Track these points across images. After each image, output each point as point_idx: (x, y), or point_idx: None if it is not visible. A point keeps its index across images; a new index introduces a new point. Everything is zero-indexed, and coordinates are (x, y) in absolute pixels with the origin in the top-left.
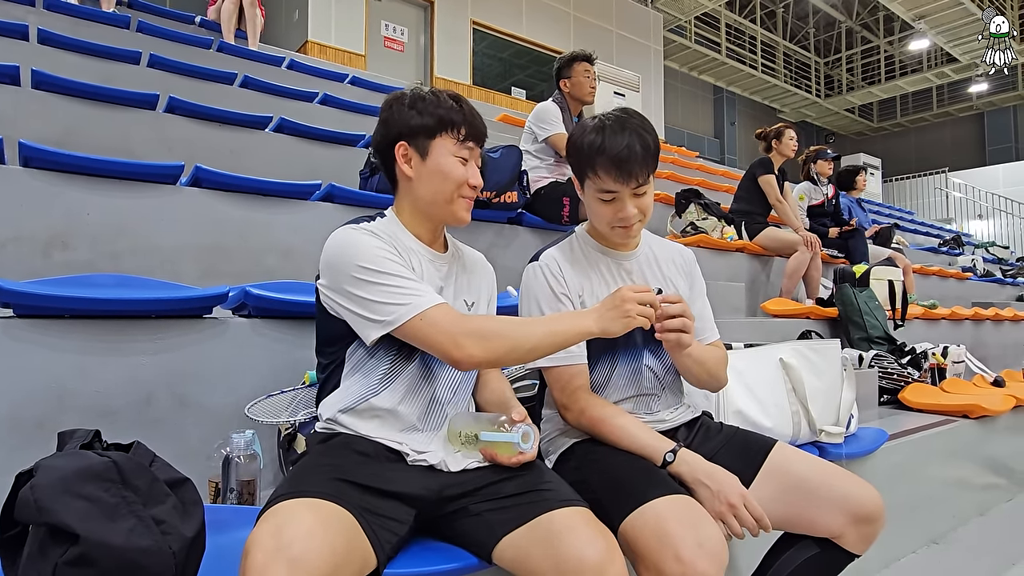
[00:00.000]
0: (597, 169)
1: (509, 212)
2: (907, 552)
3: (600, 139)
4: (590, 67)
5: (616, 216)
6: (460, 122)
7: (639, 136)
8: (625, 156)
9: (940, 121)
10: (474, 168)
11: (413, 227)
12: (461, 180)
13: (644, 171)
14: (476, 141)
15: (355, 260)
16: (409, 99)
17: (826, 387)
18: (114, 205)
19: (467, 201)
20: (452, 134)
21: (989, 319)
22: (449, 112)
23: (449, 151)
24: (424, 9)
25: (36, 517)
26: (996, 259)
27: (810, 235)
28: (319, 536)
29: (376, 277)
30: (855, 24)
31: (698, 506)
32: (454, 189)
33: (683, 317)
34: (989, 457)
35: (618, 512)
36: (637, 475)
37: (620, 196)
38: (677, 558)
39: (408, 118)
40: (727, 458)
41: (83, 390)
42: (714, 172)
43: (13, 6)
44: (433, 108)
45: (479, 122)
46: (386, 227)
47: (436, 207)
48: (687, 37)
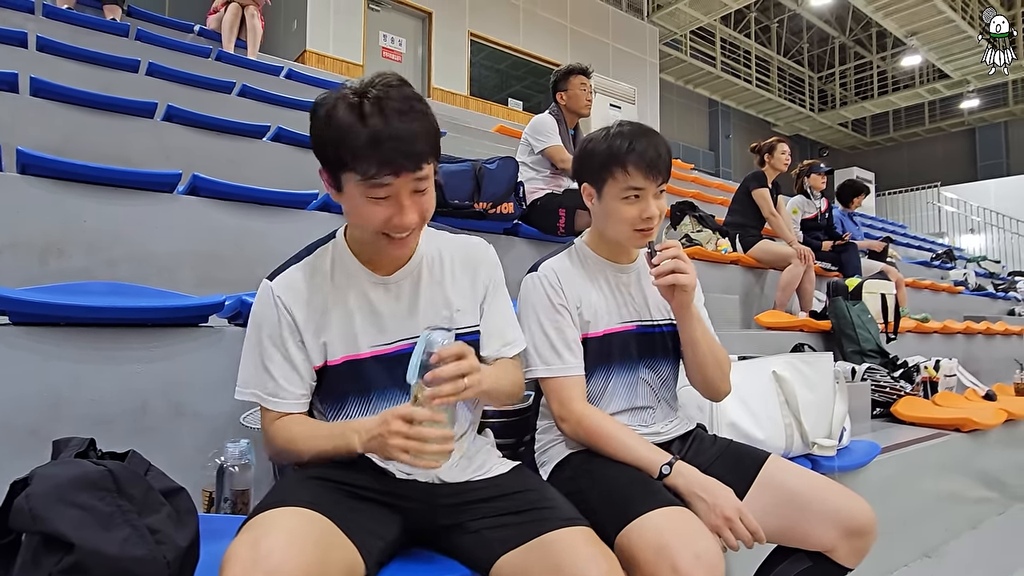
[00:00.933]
0: (627, 166)
1: (505, 223)
2: (899, 566)
3: (628, 140)
4: (586, 80)
5: (641, 216)
6: (364, 153)
7: (661, 139)
8: (654, 153)
9: (932, 136)
10: (399, 203)
11: (362, 252)
12: (378, 222)
13: (667, 171)
14: (392, 172)
15: (253, 314)
16: (322, 121)
17: (819, 400)
18: (111, 213)
19: (394, 241)
20: (357, 170)
21: (981, 333)
22: (352, 142)
23: (359, 192)
24: (422, 20)
25: (30, 525)
26: (988, 273)
27: (804, 248)
28: (297, 546)
29: (254, 348)
30: (848, 40)
31: (694, 518)
32: (374, 231)
33: (677, 259)
34: (981, 470)
35: (614, 524)
36: (633, 487)
37: (645, 194)
38: (674, 569)
39: (317, 144)
40: (720, 470)
41: (78, 398)
42: (709, 185)
43: (12, 13)
44: (334, 134)
45: (399, 141)
46: (319, 264)
47: (367, 240)
48: (683, 51)
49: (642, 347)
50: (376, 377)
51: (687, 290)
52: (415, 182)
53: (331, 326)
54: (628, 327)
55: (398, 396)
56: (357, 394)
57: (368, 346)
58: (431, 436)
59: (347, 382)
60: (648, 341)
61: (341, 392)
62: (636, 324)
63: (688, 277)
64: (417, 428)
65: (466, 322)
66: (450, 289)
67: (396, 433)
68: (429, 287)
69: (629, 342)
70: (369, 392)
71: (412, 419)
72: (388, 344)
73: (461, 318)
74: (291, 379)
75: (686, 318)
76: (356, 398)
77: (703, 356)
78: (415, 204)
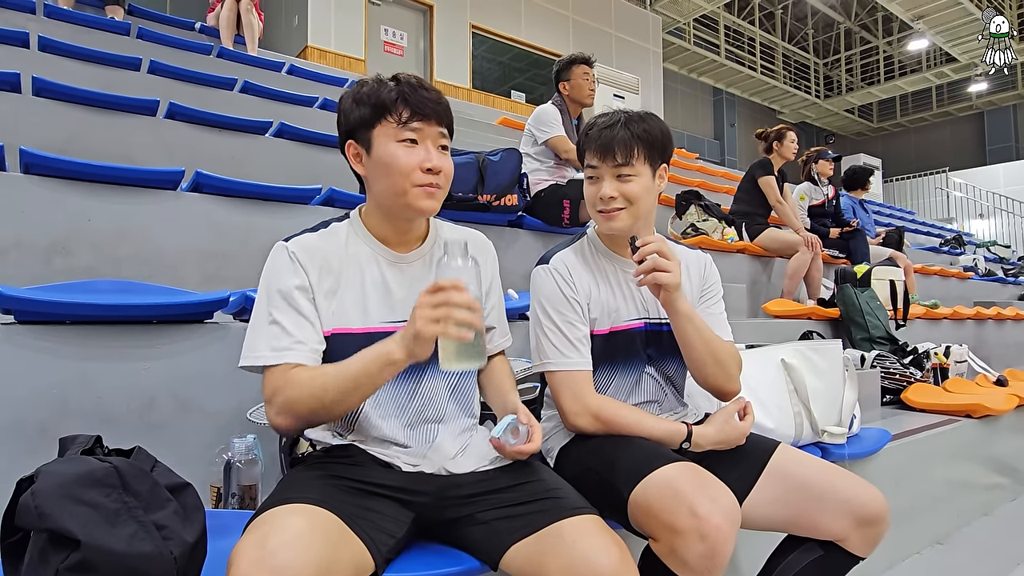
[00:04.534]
0: (585, 146)
1: (509, 215)
2: (911, 553)
3: (593, 120)
4: (589, 70)
5: (596, 196)
6: (396, 102)
7: (631, 121)
8: (608, 134)
9: (940, 121)
10: (428, 149)
11: (378, 228)
12: (409, 167)
13: (625, 151)
14: (423, 118)
15: (263, 278)
16: (354, 92)
17: (828, 387)
18: (115, 211)
19: (425, 190)
20: (391, 118)
21: (991, 318)
22: (384, 96)
23: (391, 137)
24: (423, 13)
25: (37, 523)
26: (998, 258)
27: (811, 236)
28: (304, 543)
29: (263, 307)
30: (854, 25)
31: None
32: (404, 179)
33: (657, 254)
34: (993, 457)
35: (627, 484)
36: (643, 450)
37: (600, 174)
38: (692, 513)
39: (349, 113)
40: (730, 460)
41: (84, 396)
42: (714, 174)
43: (14, 14)
44: (368, 96)
45: (427, 96)
46: (334, 235)
47: (393, 203)
48: (686, 39)
49: (649, 345)
50: None
51: (670, 289)
52: (440, 137)
53: (343, 294)
54: (635, 325)
55: (402, 377)
56: None
57: (379, 320)
58: (457, 300)
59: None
60: (655, 339)
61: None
62: (644, 322)
63: (670, 276)
64: (444, 294)
65: None
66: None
67: (423, 305)
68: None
69: (635, 340)
70: None
71: (438, 288)
72: (399, 322)
73: None
74: (304, 329)
75: (673, 316)
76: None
77: (699, 355)
78: (441, 157)
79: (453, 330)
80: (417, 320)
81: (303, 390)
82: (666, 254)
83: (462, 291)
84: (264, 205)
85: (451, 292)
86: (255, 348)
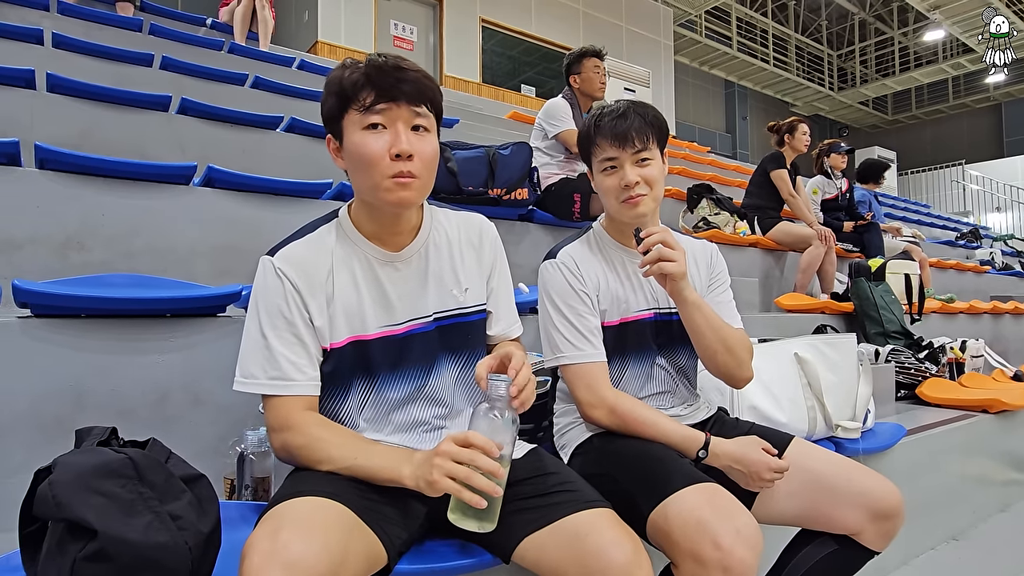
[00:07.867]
0: (597, 139)
1: (520, 209)
2: (926, 549)
3: (599, 114)
4: (600, 63)
5: (620, 185)
6: (359, 86)
7: (635, 108)
8: (622, 123)
9: (956, 113)
10: (396, 132)
11: (367, 225)
12: (376, 154)
13: (642, 136)
14: (390, 100)
15: (253, 294)
16: (326, 82)
17: (842, 382)
18: (129, 206)
19: (396, 180)
20: (356, 104)
21: (1008, 313)
22: (346, 81)
23: (357, 125)
24: (433, 8)
25: (54, 513)
26: (1015, 252)
27: (824, 229)
28: (318, 536)
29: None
30: (868, 15)
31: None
32: (374, 170)
33: (661, 244)
34: (1010, 452)
35: (647, 501)
36: (664, 464)
37: (620, 162)
38: (716, 545)
39: (323, 104)
40: None
41: (100, 388)
42: (726, 167)
43: (28, 11)
44: (333, 84)
45: (395, 75)
46: (321, 240)
47: (372, 198)
48: (697, 31)
49: (659, 335)
50: (383, 360)
51: (676, 278)
52: (413, 116)
53: (337, 304)
54: (645, 315)
55: (405, 382)
56: (362, 378)
57: (376, 327)
58: (483, 464)
59: (352, 365)
60: (666, 329)
61: (346, 375)
62: (653, 312)
63: (675, 266)
64: (471, 452)
65: (473, 300)
66: (459, 267)
67: (445, 454)
68: (437, 265)
69: (646, 330)
70: (375, 376)
71: (467, 443)
72: (397, 325)
73: (469, 296)
74: (302, 359)
75: (681, 305)
76: (361, 383)
77: (708, 342)
78: (415, 140)
79: (467, 494)
80: (434, 468)
81: (306, 449)
82: (671, 244)
83: (493, 454)
84: (275, 199)
85: (478, 455)
86: (250, 372)
